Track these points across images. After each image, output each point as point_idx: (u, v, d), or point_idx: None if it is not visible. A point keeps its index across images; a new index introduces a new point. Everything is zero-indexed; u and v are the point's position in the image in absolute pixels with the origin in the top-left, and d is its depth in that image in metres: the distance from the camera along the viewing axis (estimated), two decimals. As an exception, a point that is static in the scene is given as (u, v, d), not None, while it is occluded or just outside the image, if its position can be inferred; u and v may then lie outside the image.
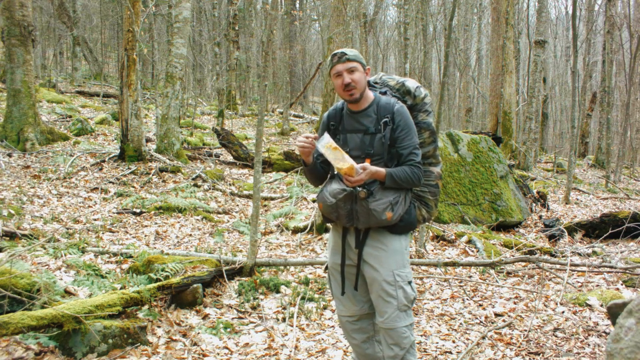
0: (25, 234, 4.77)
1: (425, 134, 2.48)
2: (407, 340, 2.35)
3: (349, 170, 2.19)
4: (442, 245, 5.90)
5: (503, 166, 7.74)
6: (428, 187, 2.48)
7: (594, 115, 21.24)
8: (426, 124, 2.49)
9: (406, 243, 2.43)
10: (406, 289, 2.35)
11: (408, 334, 2.35)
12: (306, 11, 24.17)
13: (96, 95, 15.56)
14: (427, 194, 2.49)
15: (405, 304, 2.35)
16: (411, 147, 2.34)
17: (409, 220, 2.38)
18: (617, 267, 5.02)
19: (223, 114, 13.93)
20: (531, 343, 3.43)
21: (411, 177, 2.31)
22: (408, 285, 2.36)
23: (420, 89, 2.51)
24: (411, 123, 2.37)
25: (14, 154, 7.99)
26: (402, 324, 2.34)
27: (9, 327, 2.66)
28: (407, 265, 2.40)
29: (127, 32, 8.32)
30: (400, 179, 2.30)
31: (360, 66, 2.35)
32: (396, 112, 2.34)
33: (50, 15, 18.96)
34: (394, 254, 2.35)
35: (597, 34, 23.43)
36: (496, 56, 14.31)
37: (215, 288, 4.04)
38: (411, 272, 2.44)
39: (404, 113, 2.35)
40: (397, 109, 2.35)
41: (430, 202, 2.50)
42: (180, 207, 6.52)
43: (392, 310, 2.33)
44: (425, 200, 2.49)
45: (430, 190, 2.49)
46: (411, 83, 2.52)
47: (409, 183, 2.32)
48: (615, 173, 15.24)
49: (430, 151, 2.49)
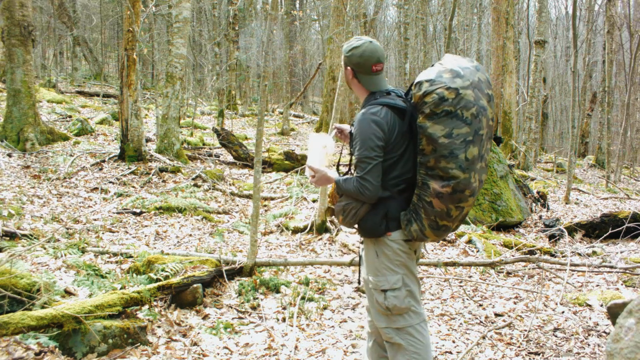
0: (25, 234, 4.77)
1: (423, 140, 2.12)
2: (390, 342, 2.31)
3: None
4: (442, 245, 5.91)
5: (503, 166, 7.74)
6: (422, 203, 2.16)
7: (594, 115, 21.24)
8: (421, 128, 2.11)
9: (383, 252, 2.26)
10: (377, 297, 2.28)
11: (392, 336, 2.29)
12: (306, 11, 24.16)
13: (96, 95, 15.56)
14: (421, 210, 2.16)
15: (380, 309, 2.29)
16: (356, 159, 2.20)
17: (365, 228, 2.26)
18: (617, 267, 5.02)
19: (223, 114, 13.94)
20: (531, 343, 3.43)
21: (352, 189, 2.20)
22: (380, 294, 2.26)
23: (422, 84, 2.12)
24: (363, 132, 2.16)
25: (14, 154, 7.99)
26: (381, 324, 2.31)
27: (9, 327, 2.66)
28: (382, 273, 2.26)
29: (127, 32, 8.32)
30: (343, 188, 2.25)
31: (343, 60, 2.36)
32: (355, 120, 2.26)
33: (50, 15, 18.96)
34: (368, 259, 2.34)
35: (597, 34, 23.42)
36: (496, 56, 14.31)
37: (215, 288, 4.04)
38: (391, 280, 2.25)
39: (360, 121, 2.20)
40: (357, 115, 2.26)
41: (423, 220, 2.16)
42: (180, 207, 6.52)
43: (374, 310, 2.34)
44: (419, 216, 2.18)
45: (424, 207, 2.15)
46: (419, 77, 2.18)
47: (351, 194, 2.22)
48: (615, 173, 15.24)
49: (431, 162, 2.11)
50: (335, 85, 13.35)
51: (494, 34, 14.46)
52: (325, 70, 15.55)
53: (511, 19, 14.83)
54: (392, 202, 2.24)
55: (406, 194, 2.27)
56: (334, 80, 14.15)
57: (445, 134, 2.07)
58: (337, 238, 5.79)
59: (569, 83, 24.89)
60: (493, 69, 14.30)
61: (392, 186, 2.24)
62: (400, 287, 2.25)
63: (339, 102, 6.11)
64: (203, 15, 21.70)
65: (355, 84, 2.35)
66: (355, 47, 2.28)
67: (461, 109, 2.06)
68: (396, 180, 2.24)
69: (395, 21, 27.36)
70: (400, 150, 2.22)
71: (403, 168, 2.24)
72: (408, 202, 2.26)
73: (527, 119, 15.22)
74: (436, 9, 23.80)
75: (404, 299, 2.25)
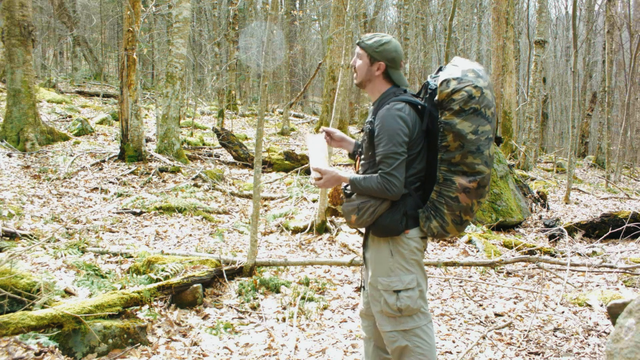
0: (25, 234, 4.77)
1: (449, 136, 2.14)
2: (395, 345, 2.26)
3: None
4: (442, 245, 5.91)
5: (503, 166, 7.74)
6: (445, 199, 2.18)
7: (594, 115, 21.25)
8: (449, 124, 2.13)
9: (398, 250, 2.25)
10: (387, 298, 2.23)
11: (397, 339, 2.25)
12: (306, 11, 24.15)
13: (96, 95, 15.55)
14: (443, 206, 2.19)
15: (389, 311, 2.23)
16: (381, 155, 2.17)
17: (383, 225, 2.21)
18: (617, 267, 5.02)
19: (223, 114, 13.93)
20: (531, 343, 3.43)
21: (374, 187, 2.16)
22: (392, 295, 2.22)
23: (449, 82, 2.14)
24: (389, 128, 2.16)
25: (14, 154, 7.99)
26: (386, 328, 2.26)
27: (9, 327, 2.66)
28: (395, 273, 2.24)
29: (127, 32, 8.31)
30: (363, 187, 2.20)
31: (366, 56, 2.29)
32: (378, 115, 2.21)
33: (50, 15, 18.96)
34: (377, 259, 2.28)
35: (597, 34, 23.43)
36: (496, 56, 14.31)
37: (215, 288, 4.04)
38: (405, 280, 2.23)
39: (384, 116, 2.18)
40: (380, 111, 2.21)
41: (446, 216, 2.19)
42: (180, 207, 6.52)
43: (378, 314, 2.29)
44: (440, 213, 2.20)
45: (447, 202, 2.18)
46: (445, 72, 2.20)
47: (372, 192, 2.18)
48: (615, 173, 15.25)
49: (457, 157, 2.15)
50: (335, 85, 13.35)
51: (494, 34, 14.46)
52: (325, 70, 15.54)
53: (511, 19, 14.83)
54: (409, 200, 2.26)
55: (420, 191, 2.30)
56: (334, 80, 14.15)
57: (472, 130, 2.14)
58: (337, 238, 5.79)
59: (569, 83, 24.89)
60: (493, 69, 14.31)
61: (410, 183, 2.26)
62: (414, 287, 2.24)
63: (339, 102, 6.11)
64: (203, 15, 21.70)
65: (380, 80, 2.33)
66: (386, 42, 2.29)
67: (484, 107, 2.15)
68: (413, 177, 2.27)
69: (395, 21, 27.35)
70: (418, 147, 2.25)
71: (419, 165, 2.27)
72: (423, 199, 2.29)
73: (527, 119, 15.23)
74: (436, 9, 23.80)
75: (417, 300, 2.24)
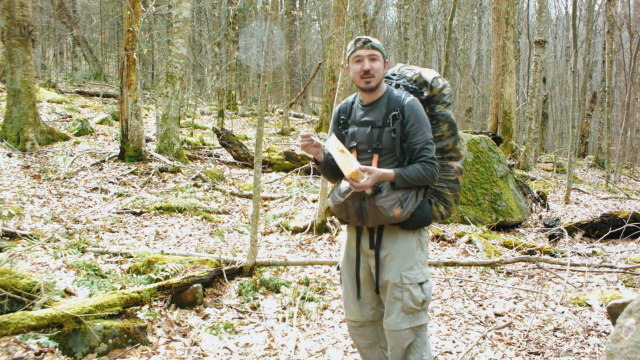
0: (25, 234, 4.77)
1: (444, 126, 2.38)
2: (407, 342, 2.25)
3: (354, 175, 2.12)
4: (442, 245, 5.91)
5: (503, 166, 7.74)
6: (447, 183, 2.39)
7: (594, 115, 21.24)
8: (444, 116, 2.39)
9: (420, 241, 2.31)
10: (413, 291, 2.23)
11: (410, 336, 2.25)
12: (306, 11, 24.15)
13: (96, 95, 15.55)
14: (446, 190, 2.39)
15: (412, 306, 2.23)
16: (423, 142, 2.23)
17: (422, 216, 2.27)
18: (617, 267, 5.02)
19: (223, 114, 13.93)
20: (531, 343, 3.43)
21: (423, 174, 2.21)
22: (417, 287, 2.24)
23: (438, 79, 2.41)
24: (422, 117, 2.27)
25: (14, 154, 7.99)
26: (404, 326, 2.24)
27: (9, 327, 2.66)
28: (418, 265, 2.28)
29: (127, 32, 8.31)
30: (411, 178, 2.20)
31: (382, 57, 2.30)
32: (406, 106, 2.25)
33: (50, 15, 18.95)
34: (403, 254, 2.26)
35: (597, 34, 23.42)
36: (496, 56, 14.31)
37: (215, 288, 4.04)
38: (425, 272, 2.29)
39: (415, 106, 2.26)
40: (408, 102, 2.26)
41: (449, 198, 2.40)
42: (180, 207, 6.52)
43: (397, 313, 2.25)
44: (443, 196, 2.40)
45: (449, 185, 2.39)
46: (428, 73, 2.43)
47: (421, 181, 2.22)
48: (615, 173, 15.25)
49: (450, 145, 2.40)
50: (335, 85, 13.34)
51: (494, 34, 14.47)
52: (325, 70, 15.54)
53: (511, 19, 14.83)
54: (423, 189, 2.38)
55: None
56: (334, 80, 14.14)
57: (454, 120, 2.46)
58: (337, 238, 5.79)
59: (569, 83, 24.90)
60: (493, 69, 14.31)
61: None
62: (429, 279, 2.34)
63: (339, 102, 6.10)
64: (203, 15, 21.69)
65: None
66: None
67: None
68: None
69: (395, 21, 27.37)
70: None
71: None
72: None
73: (527, 119, 15.22)
74: (436, 9, 23.80)
75: (431, 290, 2.39)
